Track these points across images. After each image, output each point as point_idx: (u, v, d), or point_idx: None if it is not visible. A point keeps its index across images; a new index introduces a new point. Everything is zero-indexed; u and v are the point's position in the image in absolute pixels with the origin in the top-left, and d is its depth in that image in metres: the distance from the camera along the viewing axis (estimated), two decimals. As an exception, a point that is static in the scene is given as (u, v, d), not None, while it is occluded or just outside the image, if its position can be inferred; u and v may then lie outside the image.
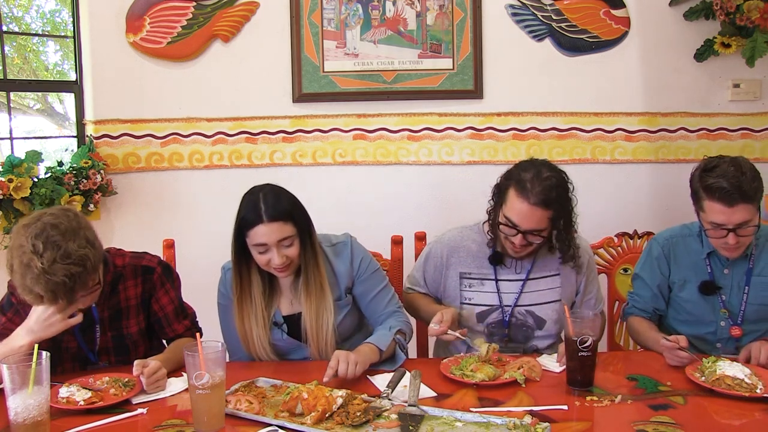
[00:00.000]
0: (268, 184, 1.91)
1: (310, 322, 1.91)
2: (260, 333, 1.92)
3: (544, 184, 1.90)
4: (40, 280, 1.55)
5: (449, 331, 1.90)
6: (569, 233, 2.01)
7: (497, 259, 2.07)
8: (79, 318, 1.72)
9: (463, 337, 1.92)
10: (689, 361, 1.77)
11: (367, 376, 1.78)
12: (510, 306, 2.07)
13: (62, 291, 1.58)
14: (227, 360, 2.01)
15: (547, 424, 1.44)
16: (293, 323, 1.96)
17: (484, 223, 2.11)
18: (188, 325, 1.99)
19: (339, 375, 1.69)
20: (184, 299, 2.02)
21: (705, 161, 1.94)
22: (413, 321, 2.19)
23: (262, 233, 1.81)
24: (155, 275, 1.92)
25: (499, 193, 2.02)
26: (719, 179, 1.84)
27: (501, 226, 1.98)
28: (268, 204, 1.82)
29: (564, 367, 1.78)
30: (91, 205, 2.95)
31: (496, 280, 2.08)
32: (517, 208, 1.93)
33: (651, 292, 2.10)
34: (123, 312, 1.88)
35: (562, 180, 1.96)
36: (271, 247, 1.82)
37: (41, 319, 1.67)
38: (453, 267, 2.12)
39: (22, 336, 1.67)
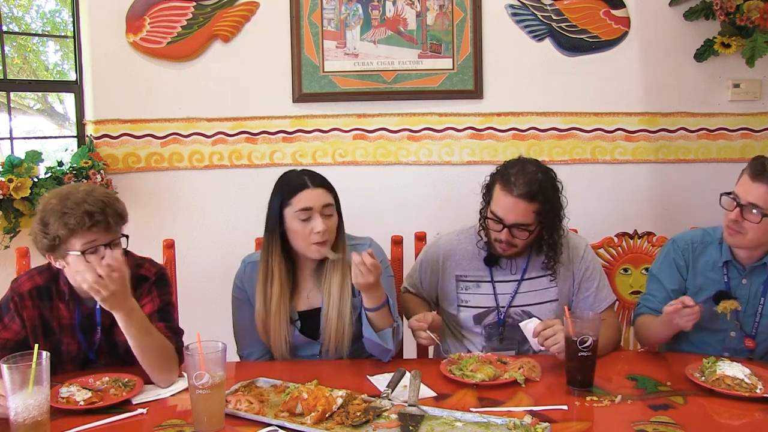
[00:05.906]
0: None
1: (331, 309, 1.90)
2: (283, 308, 1.92)
3: (529, 177, 1.92)
4: (88, 198, 1.71)
5: (427, 331, 1.89)
6: (555, 235, 1.99)
7: (492, 260, 2.07)
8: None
9: (438, 341, 1.94)
10: (699, 312, 1.74)
11: (367, 376, 1.78)
12: (505, 307, 2.06)
13: (108, 208, 1.73)
14: (239, 359, 2.02)
15: (547, 424, 1.44)
16: (306, 320, 1.96)
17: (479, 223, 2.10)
18: (163, 327, 1.81)
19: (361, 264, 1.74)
20: (184, 299, 2.01)
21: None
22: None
23: (309, 197, 1.89)
24: (146, 284, 1.87)
25: (487, 192, 2.04)
26: None
27: (488, 222, 1.99)
28: (311, 175, 1.95)
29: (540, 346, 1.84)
30: (91, 205, 2.95)
31: (492, 282, 2.08)
32: (502, 201, 1.94)
33: (666, 293, 2.02)
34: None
35: (548, 176, 1.97)
36: (315, 213, 1.87)
37: None
38: (449, 270, 2.11)
39: None
